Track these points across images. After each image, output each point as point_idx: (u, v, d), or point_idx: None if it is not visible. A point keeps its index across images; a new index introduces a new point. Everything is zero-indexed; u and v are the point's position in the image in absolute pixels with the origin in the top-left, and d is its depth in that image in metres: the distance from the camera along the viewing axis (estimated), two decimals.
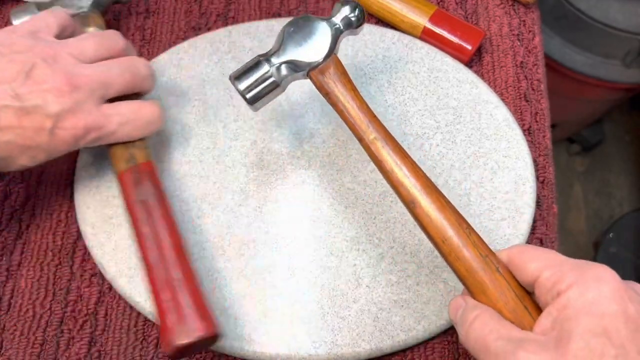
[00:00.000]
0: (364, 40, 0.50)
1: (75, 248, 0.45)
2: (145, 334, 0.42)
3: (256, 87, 0.38)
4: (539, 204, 0.46)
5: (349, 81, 0.38)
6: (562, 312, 0.27)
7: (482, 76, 0.51)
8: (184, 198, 0.45)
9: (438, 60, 0.50)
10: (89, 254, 0.45)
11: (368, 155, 0.37)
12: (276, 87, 0.38)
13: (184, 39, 0.52)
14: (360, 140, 0.37)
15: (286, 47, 0.38)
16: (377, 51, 0.50)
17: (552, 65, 0.99)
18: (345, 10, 0.38)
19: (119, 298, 0.43)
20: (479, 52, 0.52)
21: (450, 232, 0.33)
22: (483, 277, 0.32)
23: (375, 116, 0.37)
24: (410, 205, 0.35)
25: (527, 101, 0.50)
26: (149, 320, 0.43)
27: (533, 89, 0.50)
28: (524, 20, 0.53)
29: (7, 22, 0.53)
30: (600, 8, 0.89)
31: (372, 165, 0.46)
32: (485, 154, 0.46)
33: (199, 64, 0.50)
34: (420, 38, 0.51)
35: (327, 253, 0.43)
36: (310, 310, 0.41)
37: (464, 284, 0.33)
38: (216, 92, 0.49)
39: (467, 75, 0.49)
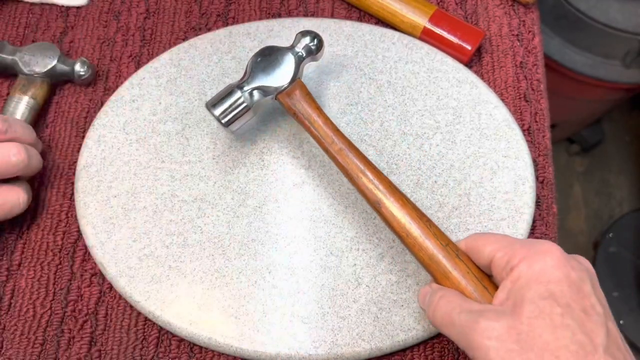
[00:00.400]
0: (364, 41, 0.50)
1: (76, 248, 0.45)
2: (145, 334, 0.43)
3: (230, 112, 0.41)
4: (538, 204, 0.46)
5: (313, 101, 0.42)
6: (515, 284, 0.30)
7: (482, 76, 0.51)
8: (184, 198, 0.45)
9: (438, 61, 0.50)
10: (89, 253, 0.45)
11: (335, 164, 0.41)
12: (248, 110, 0.42)
13: (184, 39, 0.52)
14: (327, 152, 0.41)
15: (255, 75, 0.42)
16: (377, 51, 0.50)
17: (552, 66, 0.99)
18: (306, 40, 0.43)
19: (119, 298, 0.43)
20: (478, 52, 0.52)
21: (412, 225, 0.37)
22: (445, 264, 0.35)
23: (339, 130, 0.41)
24: (376, 206, 0.39)
25: (526, 101, 0.50)
26: (149, 320, 0.43)
27: (533, 89, 0.50)
28: (523, 21, 0.53)
29: (8, 23, 0.53)
30: (600, 8, 0.89)
31: None
32: (485, 154, 0.46)
33: (199, 64, 0.50)
34: (420, 38, 0.51)
35: (327, 253, 0.43)
36: (310, 310, 0.42)
37: (429, 271, 0.37)
38: (216, 92, 0.49)
39: (467, 75, 0.49)
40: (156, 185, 0.46)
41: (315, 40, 0.43)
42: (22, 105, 0.47)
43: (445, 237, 0.37)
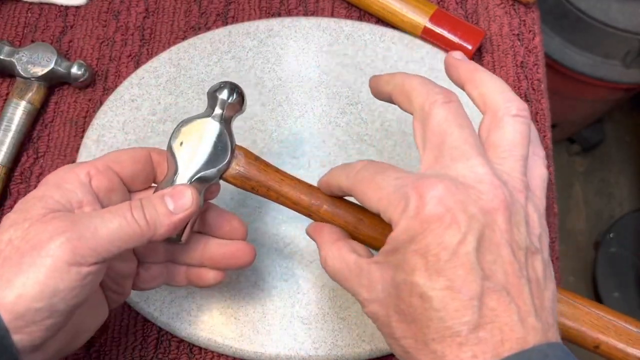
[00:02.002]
0: (364, 40, 0.50)
1: None
2: (144, 334, 0.42)
3: None
4: None
5: (267, 164, 0.35)
6: (390, 245, 0.27)
7: None
8: None
9: (438, 60, 0.49)
10: None
11: (327, 221, 0.35)
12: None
13: (184, 38, 0.52)
14: (310, 216, 0.35)
15: (183, 165, 0.33)
16: (377, 51, 0.50)
17: (552, 65, 0.99)
18: (224, 96, 0.34)
19: None
20: (479, 52, 0.52)
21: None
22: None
23: (310, 185, 0.35)
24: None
25: (527, 101, 0.50)
26: (149, 321, 0.43)
27: (533, 89, 0.50)
28: (524, 20, 0.53)
29: (7, 22, 0.53)
30: (600, 8, 0.89)
31: None
32: None
33: (199, 63, 0.50)
34: (420, 38, 0.51)
35: None
36: (311, 311, 0.41)
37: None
38: None
39: None
40: None
41: (235, 93, 0.34)
42: (19, 111, 0.48)
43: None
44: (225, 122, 0.34)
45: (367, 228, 0.34)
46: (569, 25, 0.93)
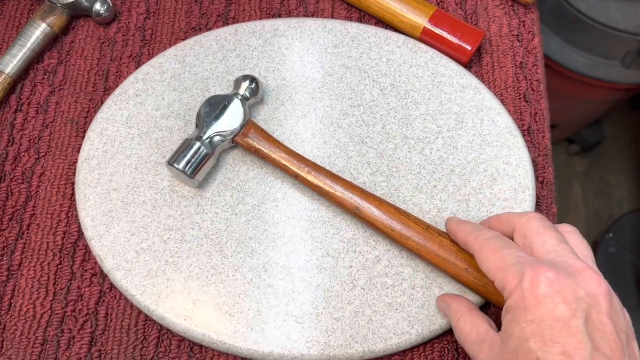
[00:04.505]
0: (369, 43, 0.50)
1: (76, 248, 0.45)
2: (145, 334, 0.43)
3: (194, 162, 0.43)
4: (538, 204, 0.46)
5: (269, 136, 0.45)
6: (506, 315, 0.32)
7: (481, 77, 0.51)
8: (184, 194, 0.45)
9: (442, 65, 0.50)
10: (89, 253, 0.45)
11: (307, 186, 0.44)
12: (210, 157, 0.44)
13: (184, 39, 0.52)
14: (297, 176, 0.44)
15: (208, 124, 0.44)
16: (381, 54, 0.50)
17: (552, 66, 0.99)
18: (246, 83, 0.46)
19: (120, 298, 0.44)
20: (478, 52, 0.52)
21: (393, 220, 0.41)
22: (431, 245, 0.40)
23: (301, 155, 0.44)
24: (355, 211, 0.42)
25: (526, 101, 0.50)
26: (150, 320, 0.43)
27: (532, 89, 0.50)
28: (523, 21, 0.53)
29: (8, 23, 0.53)
30: (599, 8, 0.89)
31: (371, 168, 0.46)
32: (485, 160, 0.46)
33: (204, 60, 0.50)
34: (420, 38, 0.51)
35: (324, 254, 0.43)
36: (305, 310, 0.42)
37: (420, 256, 0.41)
38: (220, 89, 0.49)
39: (471, 80, 0.49)
40: (156, 180, 0.46)
41: (254, 83, 0.46)
42: (38, 31, 0.50)
43: (424, 222, 0.41)
44: (244, 100, 0.45)
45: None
46: (568, 25, 0.93)
